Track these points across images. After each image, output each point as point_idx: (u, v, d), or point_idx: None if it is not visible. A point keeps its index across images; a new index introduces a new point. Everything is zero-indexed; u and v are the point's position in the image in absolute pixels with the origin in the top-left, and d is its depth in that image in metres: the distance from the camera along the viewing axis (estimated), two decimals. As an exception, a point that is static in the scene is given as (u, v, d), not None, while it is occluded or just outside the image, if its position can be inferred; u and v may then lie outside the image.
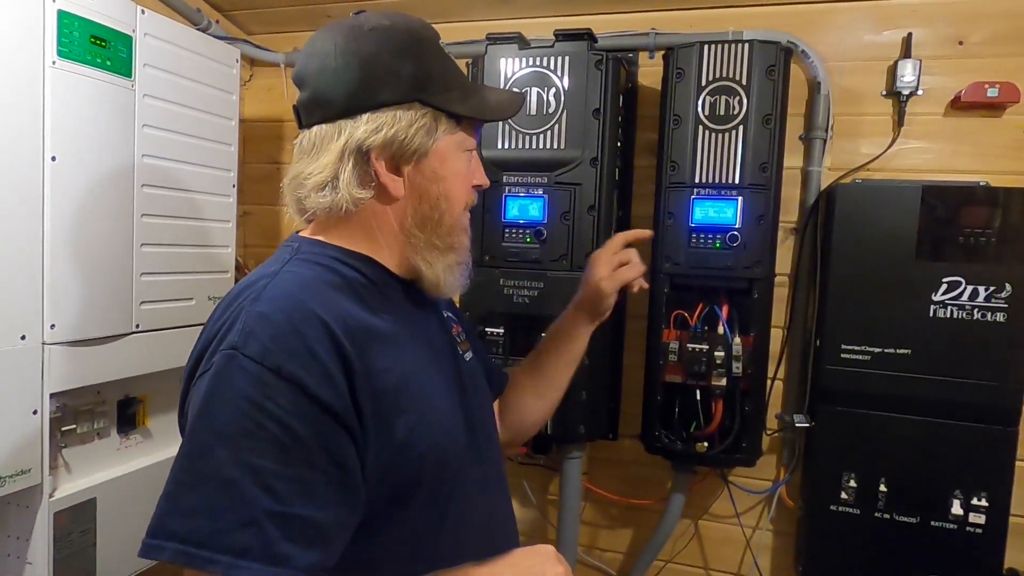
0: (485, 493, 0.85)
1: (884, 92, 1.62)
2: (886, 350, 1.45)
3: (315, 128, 0.77)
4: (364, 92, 0.74)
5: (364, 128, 0.74)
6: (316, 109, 0.77)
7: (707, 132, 1.48)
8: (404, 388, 0.73)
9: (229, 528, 0.60)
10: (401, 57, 0.75)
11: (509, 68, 1.57)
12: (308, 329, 0.66)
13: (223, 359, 0.65)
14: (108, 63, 1.35)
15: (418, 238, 0.79)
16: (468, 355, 0.92)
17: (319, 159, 0.75)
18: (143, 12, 1.43)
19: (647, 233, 1.17)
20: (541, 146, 1.54)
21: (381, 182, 0.76)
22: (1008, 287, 1.38)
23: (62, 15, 1.26)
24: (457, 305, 1.18)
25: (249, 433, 0.62)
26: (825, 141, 1.64)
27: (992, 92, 1.51)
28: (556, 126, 1.53)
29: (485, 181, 0.86)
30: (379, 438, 0.69)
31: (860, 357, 1.47)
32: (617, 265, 1.08)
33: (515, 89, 1.45)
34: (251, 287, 0.72)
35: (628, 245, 1.11)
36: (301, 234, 0.82)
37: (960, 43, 1.58)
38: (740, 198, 1.47)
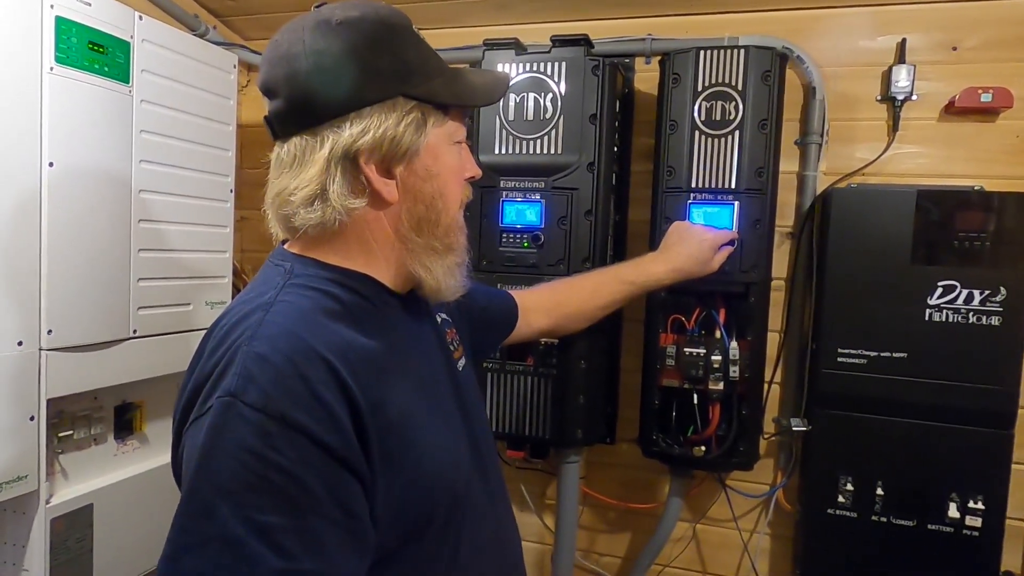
0: (491, 505, 0.83)
1: (879, 97, 1.63)
2: (882, 354, 1.46)
3: (294, 139, 0.71)
4: (343, 93, 0.68)
5: (349, 132, 0.68)
6: (292, 118, 0.71)
7: (703, 137, 1.49)
8: (408, 420, 0.69)
9: None
10: (377, 50, 0.69)
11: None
12: (310, 371, 0.62)
13: (221, 407, 0.60)
14: (106, 69, 1.36)
15: (416, 243, 0.75)
16: (462, 363, 0.89)
17: (303, 172, 0.70)
18: (141, 18, 1.43)
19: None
20: (538, 151, 1.55)
21: (374, 188, 0.71)
22: (1003, 291, 1.39)
23: (60, 21, 1.26)
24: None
25: (253, 487, 0.58)
26: (821, 146, 1.65)
27: (986, 97, 1.52)
28: (553, 131, 1.54)
29: (477, 171, 0.82)
30: (387, 478, 0.65)
31: (856, 361, 1.47)
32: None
33: (509, 85, 1.50)
34: (245, 321, 0.67)
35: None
36: (289, 249, 0.77)
37: (954, 49, 1.59)
38: (736, 203, 1.47)
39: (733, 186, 1.47)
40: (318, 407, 0.61)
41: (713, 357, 1.49)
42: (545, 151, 1.55)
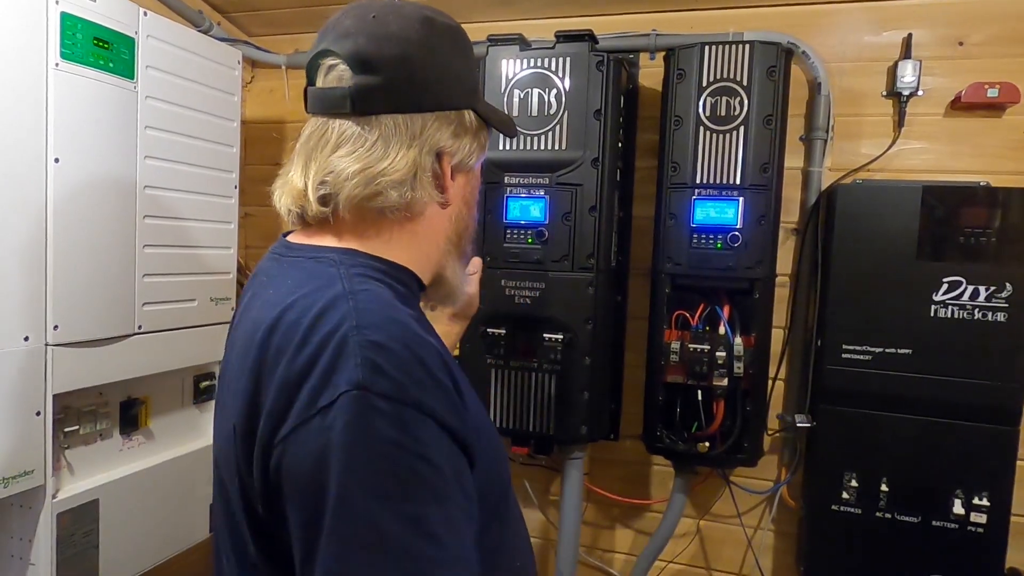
0: (516, 503, 0.83)
1: (884, 93, 1.63)
2: (887, 350, 1.45)
3: (384, 119, 0.69)
4: (441, 90, 0.71)
5: (443, 128, 0.71)
6: (390, 98, 0.68)
7: (708, 133, 1.49)
8: (475, 403, 0.69)
9: None
10: (465, 60, 0.74)
11: (510, 69, 1.57)
12: (426, 355, 0.61)
13: (351, 402, 0.56)
14: (110, 65, 1.36)
15: (453, 246, 0.78)
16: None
17: (394, 154, 0.68)
18: (145, 14, 1.43)
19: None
20: (542, 147, 1.55)
21: (446, 187, 0.73)
22: (1009, 287, 1.39)
23: (65, 17, 1.26)
24: None
25: (405, 481, 0.56)
26: (826, 142, 1.64)
27: (992, 93, 1.51)
28: (557, 127, 1.54)
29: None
30: (475, 462, 0.65)
31: (861, 357, 1.47)
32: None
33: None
34: (332, 312, 0.61)
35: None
36: (311, 241, 0.72)
37: (960, 44, 1.58)
38: (741, 199, 1.47)
39: (738, 182, 1.47)
40: (440, 391, 0.60)
41: (717, 353, 1.49)
42: (549, 147, 1.54)
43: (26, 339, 1.24)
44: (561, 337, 1.53)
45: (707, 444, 1.53)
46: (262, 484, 0.61)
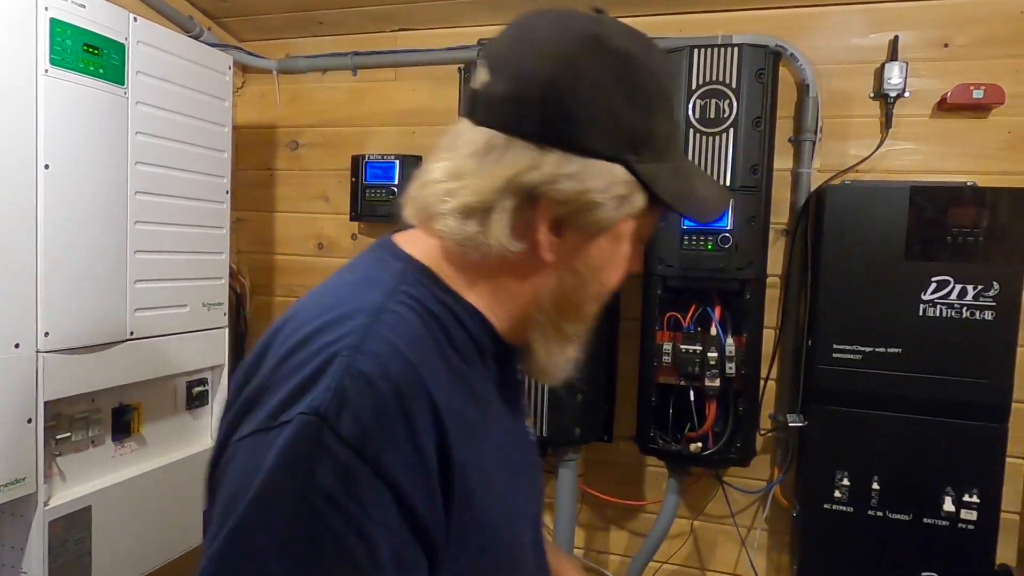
0: None
1: (872, 94, 1.64)
2: (877, 349, 1.47)
3: (490, 132, 0.57)
4: (570, 123, 0.56)
5: (551, 167, 0.56)
6: (507, 113, 0.57)
7: (698, 135, 1.50)
8: (486, 488, 0.58)
9: None
10: (632, 101, 0.57)
11: (501, 73, 1.57)
12: (416, 411, 0.51)
13: (301, 428, 0.48)
14: (101, 71, 1.36)
15: (547, 316, 0.63)
16: (531, 429, 0.77)
17: (476, 176, 0.57)
18: (135, 20, 1.43)
19: None
20: (533, 150, 1.55)
21: (536, 239, 0.58)
22: (996, 286, 1.40)
23: (55, 23, 1.26)
24: None
25: (318, 543, 0.46)
26: (814, 143, 1.66)
27: (978, 94, 1.53)
28: (548, 130, 1.54)
29: (640, 269, 0.69)
30: (452, 556, 0.54)
31: (852, 356, 1.48)
32: None
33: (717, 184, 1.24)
34: (345, 323, 0.54)
35: None
36: (405, 247, 0.63)
37: (946, 46, 1.60)
38: (731, 200, 1.48)
39: (728, 183, 1.48)
40: (416, 460, 0.50)
41: (709, 354, 1.50)
42: (540, 150, 1.55)
43: (17, 346, 1.23)
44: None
45: (700, 445, 1.54)
46: (208, 478, 0.55)
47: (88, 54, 1.33)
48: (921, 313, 1.43)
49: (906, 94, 1.59)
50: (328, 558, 0.46)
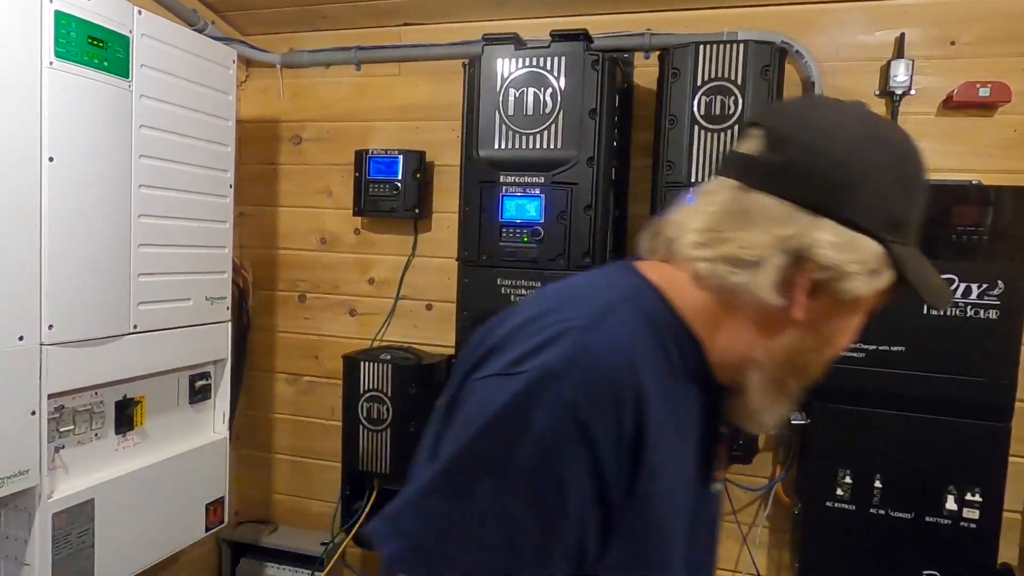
0: None
1: (877, 92, 1.64)
2: (880, 347, 1.46)
3: (758, 196, 0.63)
4: (848, 199, 0.61)
5: (822, 236, 0.61)
6: (784, 179, 0.63)
7: (703, 132, 1.49)
8: (668, 502, 0.63)
9: (454, 558, 0.55)
10: (898, 187, 0.63)
11: (505, 68, 1.57)
12: (626, 399, 0.57)
13: (535, 380, 0.56)
14: (105, 64, 1.35)
15: (773, 368, 0.66)
16: (717, 486, 0.77)
17: (748, 231, 0.63)
18: (140, 13, 1.43)
19: None
20: (538, 146, 1.55)
21: (793, 298, 0.62)
22: (1000, 284, 1.40)
23: (59, 16, 1.26)
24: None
25: (522, 479, 0.55)
26: (819, 140, 1.65)
27: (984, 92, 1.52)
28: (552, 126, 1.54)
29: (852, 343, 0.73)
30: (614, 537, 0.59)
31: (855, 354, 1.48)
32: None
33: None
34: (585, 304, 0.62)
35: None
36: (648, 273, 0.68)
37: (952, 43, 1.59)
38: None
39: (732, 181, 1.48)
40: (617, 432, 0.56)
41: (712, 351, 1.50)
42: (545, 146, 1.55)
43: (21, 339, 1.24)
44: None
45: (702, 441, 1.54)
46: (444, 407, 0.63)
47: (92, 47, 1.33)
48: (925, 311, 1.43)
49: (912, 92, 1.59)
50: (527, 492, 0.55)
